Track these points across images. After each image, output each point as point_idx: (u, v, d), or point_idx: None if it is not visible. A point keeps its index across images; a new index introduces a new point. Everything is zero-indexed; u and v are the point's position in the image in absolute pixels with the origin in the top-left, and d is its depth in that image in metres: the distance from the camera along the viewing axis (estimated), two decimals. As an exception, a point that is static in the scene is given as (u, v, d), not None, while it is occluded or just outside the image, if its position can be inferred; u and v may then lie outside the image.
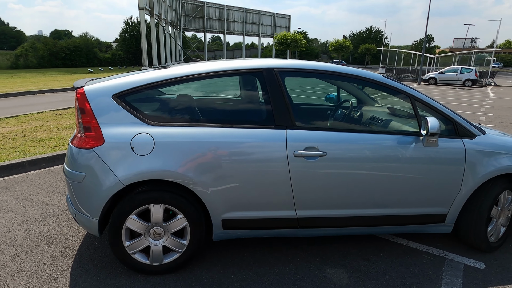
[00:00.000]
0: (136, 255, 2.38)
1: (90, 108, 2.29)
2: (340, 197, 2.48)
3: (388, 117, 3.14)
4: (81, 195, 2.30)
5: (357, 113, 3.34)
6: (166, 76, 2.42)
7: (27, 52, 43.00)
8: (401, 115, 3.22)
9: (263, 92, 2.47)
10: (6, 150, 4.96)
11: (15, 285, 2.28)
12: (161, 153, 2.24)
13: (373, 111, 3.29)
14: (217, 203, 2.35)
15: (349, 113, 3.31)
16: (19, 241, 2.82)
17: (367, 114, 3.20)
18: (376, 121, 2.99)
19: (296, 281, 2.42)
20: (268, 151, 2.35)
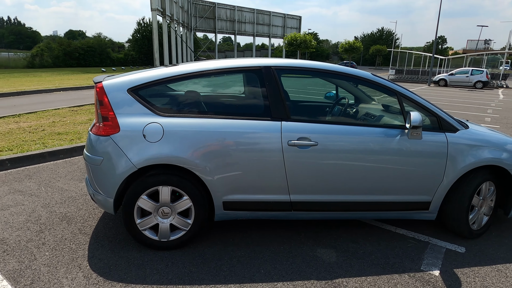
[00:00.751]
0: (146, 232, 2.68)
1: (108, 101, 2.60)
2: (330, 183, 2.73)
3: (381, 113, 3.38)
4: (98, 177, 2.61)
5: (353, 109, 3.58)
6: (174, 73, 2.72)
7: (43, 52, 44.17)
8: (394, 112, 3.45)
9: (261, 88, 2.74)
10: (28, 142, 5.34)
11: (40, 255, 2.60)
12: (169, 141, 2.54)
13: (367, 108, 3.53)
14: (219, 186, 2.63)
15: (345, 109, 3.55)
16: (43, 220, 3.15)
17: (362, 110, 3.45)
18: (369, 116, 3.23)
19: (289, 258, 2.68)
20: (264, 141, 2.62)
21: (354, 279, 2.45)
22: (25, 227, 3.01)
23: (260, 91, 2.75)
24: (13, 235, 2.88)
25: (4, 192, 3.74)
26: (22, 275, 2.37)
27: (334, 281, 2.42)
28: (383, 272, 2.54)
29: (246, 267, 2.55)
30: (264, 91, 2.72)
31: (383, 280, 2.45)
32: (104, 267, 2.50)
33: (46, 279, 2.34)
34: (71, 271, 2.44)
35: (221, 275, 2.45)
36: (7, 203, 3.47)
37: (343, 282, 2.42)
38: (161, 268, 2.50)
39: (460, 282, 2.46)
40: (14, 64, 39.95)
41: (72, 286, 2.28)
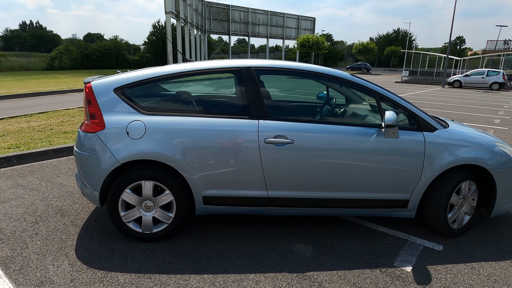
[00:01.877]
0: (130, 224, 2.82)
1: (95, 100, 2.76)
2: (307, 180, 2.82)
3: (366, 113, 3.44)
4: (86, 172, 2.78)
5: (337, 109, 3.65)
6: (159, 73, 2.86)
7: (62, 55, 45.53)
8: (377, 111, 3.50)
9: (241, 88, 2.85)
10: (35, 140, 5.61)
11: (32, 244, 2.78)
12: (151, 138, 2.68)
13: (354, 108, 3.59)
14: (198, 182, 2.76)
15: (329, 109, 3.62)
16: (39, 212, 3.35)
17: (348, 110, 3.51)
18: (353, 116, 3.29)
19: (266, 252, 2.78)
20: (242, 138, 2.73)
21: (325, 272, 2.53)
22: (22, 219, 3.20)
23: (239, 91, 2.86)
24: (10, 225, 3.08)
25: (7, 186, 3.98)
26: (13, 261, 2.55)
27: (305, 274, 2.51)
28: (355, 267, 2.61)
29: (223, 259, 2.66)
30: (243, 90, 2.83)
31: (354, 274, 2.52)
32: (89, 256, 2.65)
33: (34, 265, 2.51)
34: (58, 259, 2.60)
35: (197, 266, 2.57)
36: (9, 196, 3.69)
37: (313, 275, 2.50)
38: (142, 258, 2.64)
39: (431, 278, 2.50)
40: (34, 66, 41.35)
41: (57, 272, 2.44)
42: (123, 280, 2.38)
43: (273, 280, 2.43)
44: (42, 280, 2.36)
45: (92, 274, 2.44)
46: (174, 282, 2.38)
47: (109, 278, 2.40)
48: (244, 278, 2.44)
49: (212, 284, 2.37)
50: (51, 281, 2.35)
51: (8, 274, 2.41)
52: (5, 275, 2.39)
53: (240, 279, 2.43)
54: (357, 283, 2.42)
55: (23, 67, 39.71)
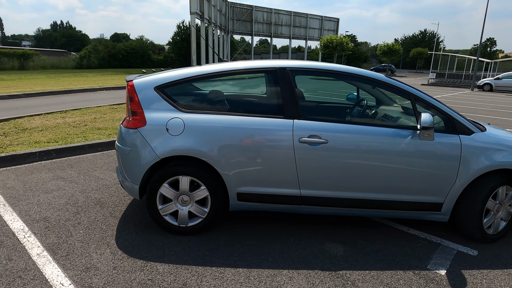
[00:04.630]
0: (167, 217, 2.94)
1: (137, 97, 2.90)
2: (339, 180, 2.84)
3: (398, 115, 3.43)
4: (127, 166, 2.92)
5: (369, 111, 3.65)
6: (197, 72, 2.96)
7: (90, 54, 47.11)
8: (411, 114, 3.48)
9: (276, 88, 2.91)
10: (71, 135, 5.88)
11: (76, 233, 2.95)
12: (189, 135, 2.78)
13: (385, 110, 3.59)
14: (233, 178, 2.84)
15: (361, 110, 3.63)
16: (79, 203, 3.53)
17: (378, 112, 3.51)
18: (385, 118, 3.29)
19: (297, 249, 2.83)
20: (277, 137, 2.79)
21: (357, 272, 2.55)
22: (64, 209, 3.39)
23: (274, 91, 2.93)
24: (54, 214, 3.26)
25: (49, 178, 4.20)
26: (59, 248, 2.71)
27: (338, 272, 2.54)
28: (388, 268, 2.61)
29: (256, 255, 2.73)
30: (279, 90, 2.89)
31: (387, 275, 2.53)
32: (129, 246, 2.79)
33: (79, 252, 2.66)
34: (100, 247, 2.75)
35: (231, 260, 2.65)
36: (51, 187, 3.91)
37: (346, 274, 2.52)
38: (178, 250, 2.74)
39: (466, 282, 2.47)
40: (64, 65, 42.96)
41: (100, 259, 2.58)
42: (162, 270, 2.49)
43: (306, 276, 2.48)
44: (88, 266, 2.50)
45: (133, 263, 2.56)
46: (210, 274, 2.46)
47: (148, 267, 2.51)
48: (277, 273, 2.50)
49: (246, 277, 2.44)
50: (96, 268, 2.48)
51: (56, 259, 2.56)
52: (53, 260, 2.55)
53: (273, 274, 2.49)
54: (390, 284, 2.43)
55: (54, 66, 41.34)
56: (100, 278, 2.38)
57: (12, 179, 4.12)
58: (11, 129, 6.23)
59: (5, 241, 2.77)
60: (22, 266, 2.47)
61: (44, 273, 2.40)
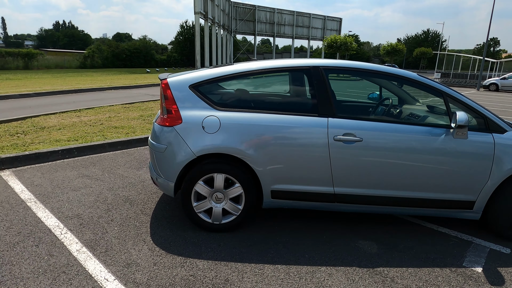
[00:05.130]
0: (201, 214, 2.96)
1: (172, 95, 2.92)
2: (373, 178, 2.86)
3: (425, 113, 3.45)
4: (162, 163, 2.94)
5: (397, 109, 3.67)
6: (230, 71, 2.99)
7: (94, 54, 47.24)
8: (438, 112, 3.50)
9: (310, 86, 2.94)
10: (90, 134, 5.91)
11: (111, 230, 2.97)
12: (225, 133, 2.81)
13: (412, 108, 3.61)
14: (268, 176, 2.86)
15: (389, 109, 3.65)
16: (109, 201, 3.56)
17: (406, 110, 3.53)
18: (413, 116, 3.31)
19: (331, 247, 2.85)
20: (312, 135, 2.81)
21: (395, 269, 2.57)
22: (95, 206, 3.42)
23: (308, 89, 2.95)
24: (86, 212, 3.29)
25: (74, 176, 4.23)
26: (97, 244, 2.74)
27: (376, 269, 2.56)
28: (424, 265, 2.63)
29: (291, 252, 2.75)
30: (312, 89, 2.91)
31: (424, 272, 2.55)
32: (165, 242, 2.81)
33: (117, 249, 2.69)
34: (137, 244, 2.77)
35: (268, 256, 2.67)
36: (78, 185, 3.94)
37: (384, 270, 2.55)
38: (215, 247, 2.77)
39: (504, 280, 2.49)
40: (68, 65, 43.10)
41: (139, 256, 2.61)
42: (202, 266, 2.51)
43: (344, 273, 2.50)
44: (128, 262, 2.53)
45: (172, 259, 2.59)
46: (250, 270, 2.49)
47: (188, 264, 2.54)
48: (316, 270, 2.52)
49: (286, 274, 2.47)
50: (137, 264, 2.51)
51: (96, 255, 2.59)
52: (93, 256, 2.58)
53: (312, 271, 2.51)
54: (430, 281, 2.45)
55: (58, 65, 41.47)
56: (143, 273, 2.40)
57: (38, 177, 4.15)
58: (29, 128, 6.27)
59: (43, 238, 2.80)
60: (64, 262, 2.50)
61: (87, 269, 2.43)
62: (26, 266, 2.43)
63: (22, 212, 3.23)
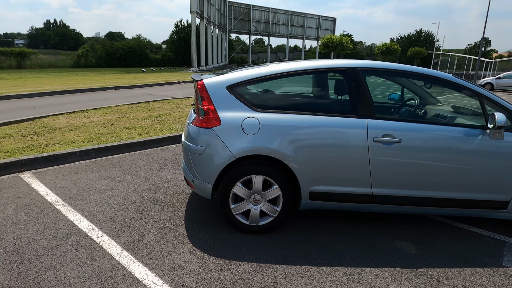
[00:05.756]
0: (238, 216, 2.95)
1: (209, 97, 2.90)
2: (411, 179, 2.88)
3: (453, 114, 3.48)
4: (199, 165, 2.91)
5: (422, 110, 3.69)
6: (266, 73, 2.97)
7: (88, 53, 46.68)
8: (465, 113, 3.53)
9: (348, 87, 2.94)
10: (103, 135, 5.84)
11: (147, 232, 2.94)
12: (265, 134, 2.79)
13: (437, 109, 3.63)
14: (307, 177, 2.86)
15: (415, 110, 3.67)
16: (137, 203, 3.52)
17: (437, 111, 3.55)
18: (446, 117, 3.33)
19: (370, 247, 2.86)
20: (351, 136, 2.81)
21: (438, 269, 2.59)
22: (125, 208, 3.38)
23: (346, 90, 2.95)
24: (117, 214, 3.25)
25: (96, 177, 4.18)
26: (137, 248, 2.70)
27: (419, 270, 2.57)
28: (465, 265, 2.65)
29: (332, 253, 2.75)
30: (351, 90, 2.92)
31: (467, 272, 2.57)
32: (204, 245, 2.79)
33: (159, 252, 2.66)
34: (177, 247, 2.75)
35: (311, 258, 2.67)
36: (103, 187, 3.89)
37: (428, 271, 2.56)
38: (255, 249, 2.76)
39: (545, 279, 2.52)
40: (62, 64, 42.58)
41: (182, 259, 2.59)
42: (248, 269, 2.50)
43: (389, 274, 2.51)
44: (173, 265, 2.50)
45: (216, 262, 2.57)
46: (296, 273, 2.48)
47: (233, 266, 2.52)
48: (361, 271, 2.53)
49: (333, 276, 2.47)
50: (182, 267, 2.49)
51: (139, 259, 2.56)
52: (136, 259, 2.55)
53: (358, 272, 2.51)
54: (474, 281, 2.47)
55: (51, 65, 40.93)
56: (190, 277, 2.38)
57: (60, 179, 4.09)
58: (41, 129, 6.18)
59: (81, 241, 2.76)
60: (108, 266, 2.46)
61: (132, 273, 2.40)
62: (70, 270, 2.39)
63: (52, 215, 3.18)
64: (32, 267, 2.42)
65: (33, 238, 2.78)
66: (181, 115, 8.12)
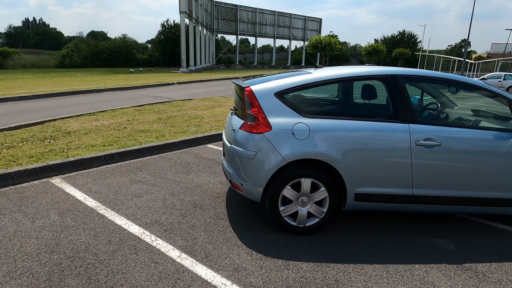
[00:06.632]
0: (286, 218, 3.06)
1: (258, 103, 3.00)
2: (450, 180, 3.06)
3: (478, 118, 3.69)
4: (250, 169, 3.01)
5: (443, 114, 3.89)
6: (313, 79, 3.10)
7: (72, 53, 45.70)
8: (487, 116, 3.75)
9: (389, 93, 3.09)
10: (121, 139, 5.84)
11: (198, 235, 3.02)
12: (315, 139, 2.92)
13: (464, 113, 3.84)
14: (353, 180, 3.00)
15: (438, 114, 3.86)
16: (178, 206, 3.58)
17: (463, 116, 3.75)
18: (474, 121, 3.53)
19: (410, 246, 3.02)
20: (396, 140, 2.97)
21: (480, 264, 2.77)
22: (167, 212, 3.44)
23: (388, 96, 3.11)
24: (163, 218, 3.31)
25: (127, 181, 4.21)
26: (194, 250, 2.78)
27: (464, 265, 2.75)
28: (503, 260, 2.84)
29: (379, 251, 2.90)
30: (392, 96, 3.07)
31: (507, 266, 2.76)
32: (257, 246, 2.89)
33: (216, 254, 2.75)
34: (232, 248, 2.84)
35: (361, 256, 2.81)
36: (137, 191, 3.93)
37: (471, 266, 2.74)
38: (307, 249, 2.88)
39: None
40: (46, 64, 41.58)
41: (240, 260, 2.68)
42: (306, 268, 2.62)
43: (438, 270, 2.67)
44: (235, 267, 2.59)
45: (274, 262, 2.67)
46: (353, 271, 2.61)
47: (292, 266, 2.63)
48: (411, 268, 2.68)
49: (387, 272, 2.61)
50: (244, 268, 2.58)
51: (200, 261, 2.64)
52: (198, 262, 2.63)
53: (409, 269, 2.67)
54: (516, 274, 2.66)
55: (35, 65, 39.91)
56: (255, 277, 2.48)
57: (92, 184, 4.10)
58: (54, 133, 6.11)
59: (137, 245, 2.82)
60: (173, 269, 2.53)
61: (199, 274, 2.48)
62: (138, 274, 2.46)
63: (98, 220, 3.22)
64: (100, 271, 2.47)
65: (89, 243, 2.82)
66: (189, 117, 8.15)
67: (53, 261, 2.57)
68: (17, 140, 5.50)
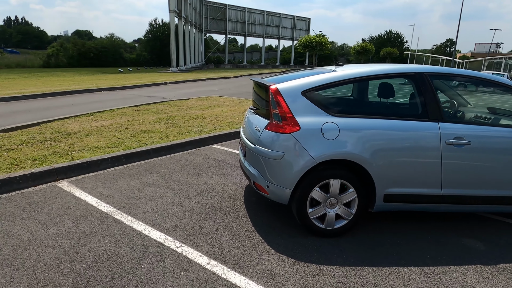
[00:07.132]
0: (314, 220, 2.96)
1: (285, 102, 2.89)
2: (479, 179, 3.01)
3: (495, 115, 3.67)
4: (277, 170, 2.90)
5: (465, 113, 3.86)
6: (339, 77, 3.01)
7: (58, 52, 44.59)
8: (504, 114, 3.73)
9: (418, 92, 3.03)
10: (124, 140, 5.65)
11: (224, 240, 2.89)
12: (345, 138, 2.83)
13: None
14: (383, 180, 2.92)
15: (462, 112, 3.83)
16: (196, 210, 3.45)
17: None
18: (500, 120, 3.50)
19: (441, 245, 2.96)
20: (426, 140, 2.90)
21: (514, 264, 2.73)
22: (187, 216, 3.30)
23: (417, 95, 3.04)
24: (183, 222, 3.17)
25: (138, 184, 4.04)
26: (223, 256, 2.66)
27: (498, 266, 2.70)
28: (535, 259, 2.81)
29: (411, 253, 2.83)
30: (421, 94, 3.01)
31: (540, 265, 2.73)
32: (287, 250, 2.79)
33: (247, 259, 2.63)
34: (262, 253, 2.73)
35: (393, 259, 2.73)
36: (151, 194, 3.77)
37: (507, 267, 2.69)
38: (338, 253, 2.79)
39: None
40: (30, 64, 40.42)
41: (273, 265, 2.57)
42: (342, 273, 2.53)
43: (474, 271, 2.62)
44: (269, 273, 2.48)
45: (307, 267, 2.57)
46: (389, 274, 2.53)
47: (327, 271, 2.54)
48: (447, 269, 2.62)
49: (424, 275, 2.54)
50: (279, 274, 2.47)
51: (231, 267, 2.52)
52: (229, 268, 2.51)
53: (445, 271, 2.60)
54: (551, 273, 2.63)
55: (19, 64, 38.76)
56: (292, 283, 2.37)
57: (102, 187, 3.92)
58: (54, 134, 5.87)
59: (162, 252, 2.68)
60: (205, 277, 2.40)
61: (233, 282, 2.36)
62: (169, 283, 2.32)
63: (116, 225, 3.06)
64: (128, 281, 2.32)
65: (111, 251, 2.67)
66: (190, 117, 7.98)
67: (75, 272, 2.41)
68: (16, 142, 5.25)
